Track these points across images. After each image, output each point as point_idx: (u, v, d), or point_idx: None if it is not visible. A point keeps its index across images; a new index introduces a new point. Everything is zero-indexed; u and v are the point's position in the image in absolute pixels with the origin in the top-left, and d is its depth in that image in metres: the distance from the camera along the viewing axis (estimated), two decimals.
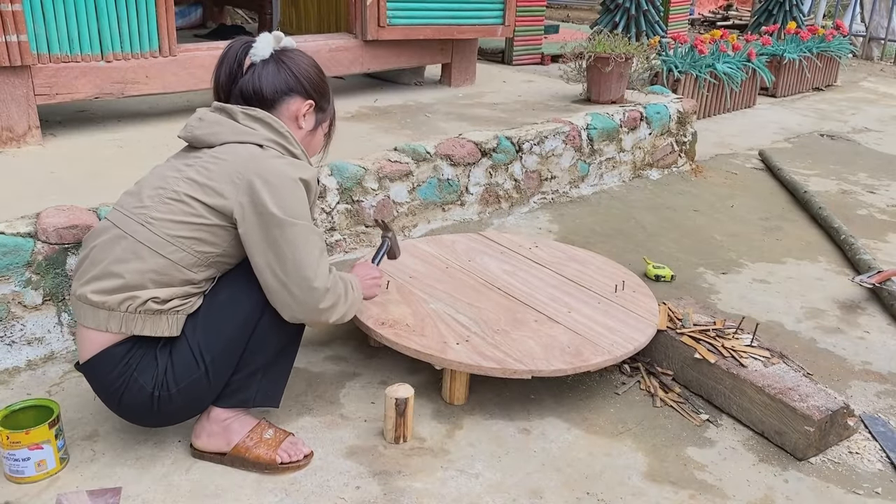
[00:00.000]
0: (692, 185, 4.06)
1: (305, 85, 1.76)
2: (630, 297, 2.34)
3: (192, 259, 1.61)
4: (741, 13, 11.40)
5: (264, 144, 1.67)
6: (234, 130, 1.67)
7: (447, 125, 3.42)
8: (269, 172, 1.61)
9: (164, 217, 1.60)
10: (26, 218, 2.12)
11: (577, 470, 1.84)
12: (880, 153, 4.99)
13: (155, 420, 1.72)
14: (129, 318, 1.59)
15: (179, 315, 1.63)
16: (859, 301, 2.82)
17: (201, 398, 1.69)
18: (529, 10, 5.40)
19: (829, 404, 1.92)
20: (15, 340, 2.10)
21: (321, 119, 1.84)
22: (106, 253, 1.61)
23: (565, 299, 2.29)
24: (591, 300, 2.30)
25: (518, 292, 2.31)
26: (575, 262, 2.57)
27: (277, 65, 1.73)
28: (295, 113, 1.76)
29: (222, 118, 1.69)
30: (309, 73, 1.77)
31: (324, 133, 1.89)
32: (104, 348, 1.61)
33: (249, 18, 6.80)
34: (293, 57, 1.77)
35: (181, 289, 1.62)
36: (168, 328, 1.62)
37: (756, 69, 5.79)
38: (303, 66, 1.77)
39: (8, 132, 2.73)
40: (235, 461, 1.77)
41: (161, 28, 2.98)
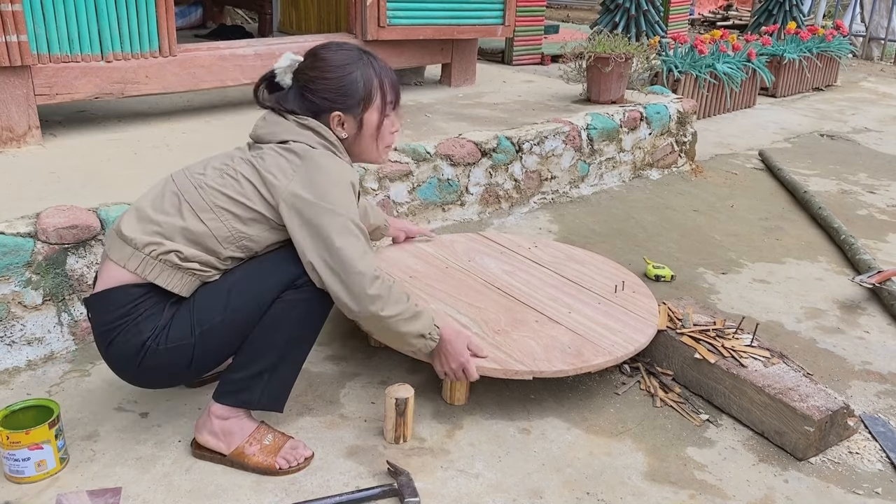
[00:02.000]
0: (692, 185, 4.06)
1: (326, 100, 1.76)
2: (630, 297, 2.34)
3: (225, 232, 1.68)
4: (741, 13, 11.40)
5: (315, 145, 1.74)
6: (289, 131, 1.75)
7: (447, 125, 3.42)
8: (318, 169, 1.68)
9: (216, 187, 1.69)
10: (26, 218, 2.12)
11: (577, 470, 1.84)
12: (880, 153, 4.99)
13: (132, 373, 1.70)
14: (149, 263, 1.63)
15: (195, 278, 1.67)
16: (859, 301, 2.82)
17: (182, 368, 1.68)
18: (529, 10, 5.40)
19: (829, 404, 1.92)
20: (15, 340, 2.10)
21: (362, 117, 1.80)
22: (155, 201, 1.70)
23: (565, 300, 2.29)
24: (592, 300, 2.30)
25: (518, 292, 2.30)
26: (574, 262, 2.57)
27: (299, 91, 1.78)
28: (332, 126, 1.79)
29: (281, 119, 1.78)
30: (327, 87, 1.76)
31: (374, 126, 1.83)
32: (120, 284, 1.64)
33: (249, 18, 6.80)
34: (309, 76, 1.78)
35: (205, 255, 1.67)
36: (181, 286, 1.66)
37: (756, 69, 5.79)
38: (320, 84, 1.76)
39: (8, 132, 2.73)
40: (235, 464, 1.77)
41: (161, 28, 2.98)
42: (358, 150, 1.85)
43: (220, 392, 1.75)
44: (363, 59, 1.81)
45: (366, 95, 1.79)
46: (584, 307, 2.25)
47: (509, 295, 2.29)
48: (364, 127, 1.81)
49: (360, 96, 1.78)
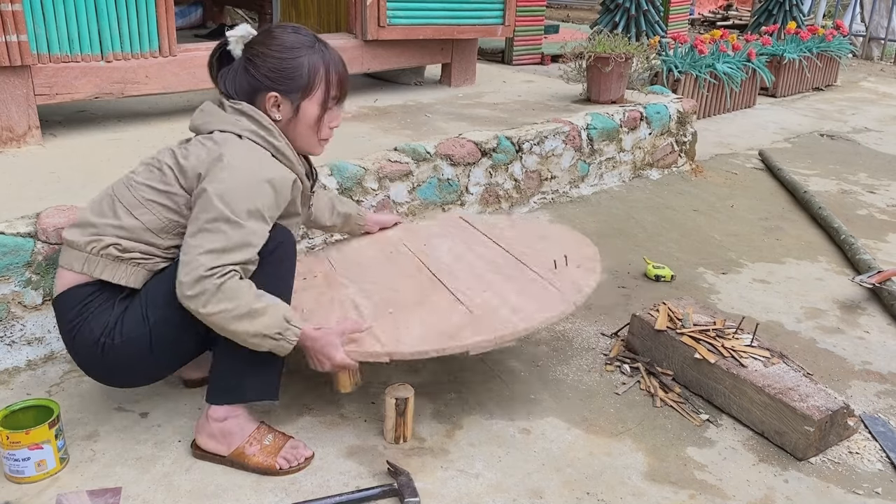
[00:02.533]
0: (692, 185, 4.06)
1: (267, 78, 1.74)
2: (568, 273, 2.13)
3: (159, 223, 1.69)
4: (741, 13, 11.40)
5: (243, 134, 1.72)
6: (220, 120, 1.74)
7: (447, 125, 3.42)
8: (229, 163, 1.65)
9: (143, 182, 1.71)
10: (26, 218, 2.12)
11: (577, 470, 1.84)
12: (880, 153, 4.99)
13: (101, 371, 1.73)
14: (92, 260, 1.67)
15: (140, 268, 1.69)
16: (859, 301, 2.82)
17: (146, 361, 1.69)
18: (529, 10, 5.40)
19: (829, 404, 1.92)
20: (15, 340, 2.10)
21: (299, 104, 1.76)
22: (93, 206, 1.74)
23: (490, 278, 2.12)
24: (521, 278, 2.12)
25: (446, 274, 2.16)
26: (540, 241, 2.38)
27: (243, 64, 1.77)
28: (266, 106, 1.76)
29: (215, 109, 1.77)
30: (271, 65, 1.74)
31: (313, 119, 1.79)
32: (70, 286, 1.69)
33: (249, 18, 6.80)
34: (257, 50, 1.75)
35: (144, 246, 1.69)
36: (126, 277, 1.68)
37: (756, 69, 5.79)
38: (265, 61, 1.74)
39: (8, 132, 2.72)
40: (235, 464, 1.77)
41: (161, 28, 2.98)
42: (292, 136, 1.80)
43: (211, 392, 1.75)
44: (315, 46, 1.77)
45: (308, 83, 1.75)
46: (505, 285, 2.08)
47: (435, 277, 2.15)
48: (300, 115, 1.78)
49: (302, 83, 1.75)
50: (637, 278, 2.91)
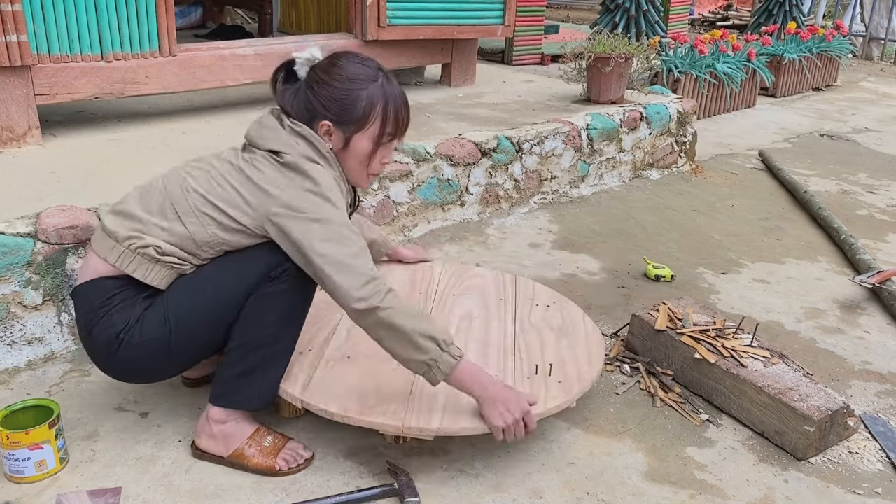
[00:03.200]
0: (692, 185, 4.06)
1: (323, 106, 1.72)
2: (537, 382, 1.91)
3: (205, 237, 1.67)
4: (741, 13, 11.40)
5: (308, 156, 1.70)
6: (279, 139, 1.70)
7: (447, 125, 3.42)
8: (306, 181, 1.65)
9: (201, 192, 1.68)
10: (26, 218, 2.12)
11: (577, 470, 1.84)
12: (880, 153, 4.99)
13: (111, 366, 1.72)
14: (127, 256, 1.66)
15: (172, 271, 1.68)
16: (859, 301, 2.82)
17: (161, 362, 1.70)
18: (529, 10, 5.40)
19: (829, 404, 1.92)
20: (15, 340, 2.10)
21: (350, 137, 1.74)
22: (143, 199, 1.71)
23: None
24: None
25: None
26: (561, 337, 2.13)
27: (305, 87, 1.75)
28: (319, 133, 1.73)
29: (275, 124, 1.73)
30: (329, 94, 1.71)
31: (364, 153, 1.76)
32: (98, 276, 1.67)
33: (249, 18, 6.80)
34: (319, 76, 1.74)
35: (183, 253, 1.68)
36: (158, 279, 1.67)
37: (756, 69, 5.79)
38: (324, 88, 1.72)
39: (8, 132, 2.73)
40: (235, 465, 1.77)
41: (161, 28, 2.98)
42: (341, 167, 1.78)
43: (214, 394, 1.75)
44: (378, 80, 1.74)
45: (362, 117, 1.72)
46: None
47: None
48: (351, 148, 1.75)
49: (357, 116, 1.72)
50: (637, 278, 2.91)
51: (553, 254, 3.08)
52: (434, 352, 1.62)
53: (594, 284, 2.84)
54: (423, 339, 1.61)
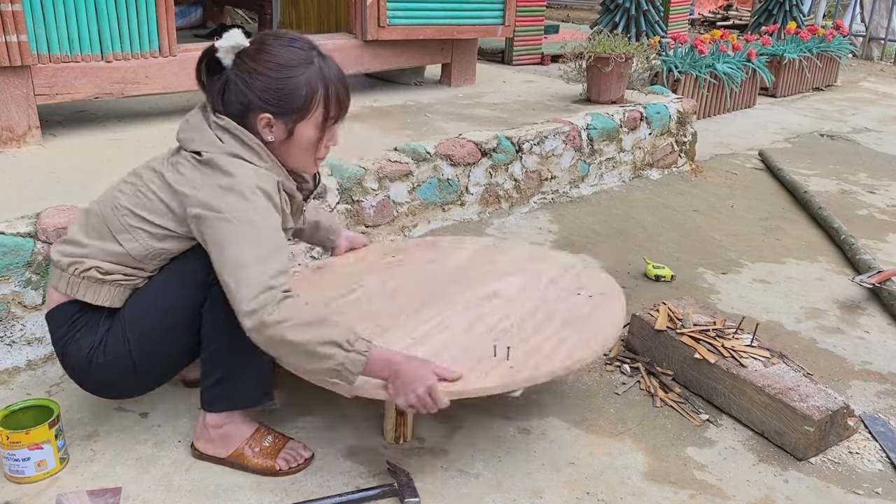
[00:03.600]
0: (692, 185, 4.06)
1: (258, 98, 1.60)
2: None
3: (141, 251, 1.64)
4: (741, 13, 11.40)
5: (233, 152, 1.61)
6: (204, 140, 1.62)
7: (447, 125, 3.42)
8: (221, 179, 1.56)
9: (129, 206, 1.64)
10: (26, 218, 2.12)
11: (577, 470, 1.84)
12: (880, 153, 4.99)
13: (92, 386, 1.74)
14: (74, 282, 1.66)
15: (122, 288, 1.67)
16: (859, 301, 2.82)
17: (131, 378, 1.70)
18: (529, 10, 5.40)
19: (829, 404, 1.92)
20: (15, 340, 2.10)
21: (293, 127, 1.63)
22: (84, 221, 1.71)
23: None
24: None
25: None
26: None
27: (235, 78, 1.63)
28: (258, 127, 1.63)
29: (200, 123, 1.66)
30: (264, 85, 1.60)
31: (311, 142, 1.67)
32: (57, 304, 1.69)
33: (249, 18, 6.80)
34: (249, 66, 1.61)
35: (128, 269, 1.66)
36: (109, 298, 1.67)
37: (756, 69, 5.79)
38: (257, 79, 1.60)
39: (8, 132, 2.72)
40: (235, 465, 1.77)
41: (161, 28, 2.98)
42: (285, 156, 1.68)
43: (203, 401, 1.74)
44: (313, 62, 1.62)
45: (303, 105, 1.61)
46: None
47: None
48: (295, 138, 1.64)
49: (297, 105, 1.61)
50: (637, 278, 2.91)
51: None
52: (339, 356, 1.50)
53: None
54: (324, 346, 1.49)
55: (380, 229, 2.92)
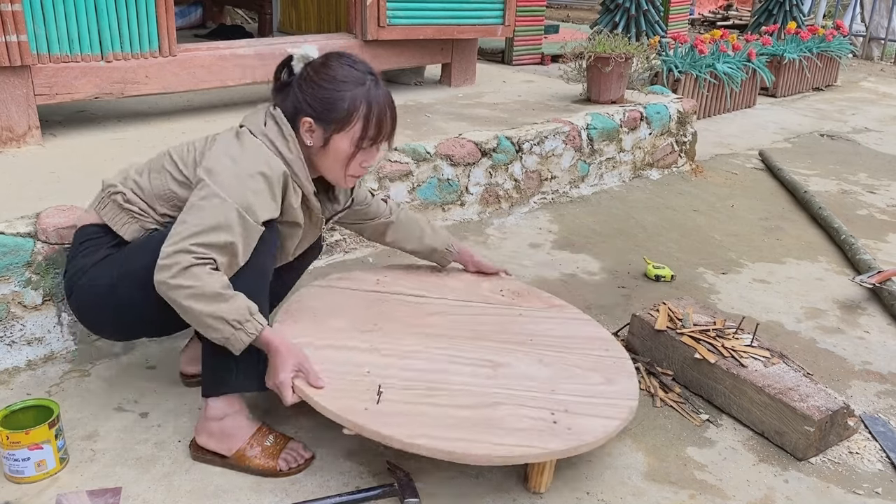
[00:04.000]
0: (692, 185, 4.06)
1: (308, 103, 1.74)
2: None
3: (161, 190, 1.77)
4: (741, 13, 11.40)
5: (257, 134, 1.74)
6: (253, 120, 1.78)
7: (447, 125, 3.42)
8: (228, 150, 1.71)
9: (171, 153, 1.82)
10: (26, 218, 2.12)
11: (577, 470, 1.84)
12: (880, 153, 4.99)
13: (74, 305, 1.80)
14: (103, 202, 1.81)
15: (136, 222, 1.78)
16: (859, 301, 2.82)
17: (104, 315, 1.77)
18: (529, 10, 5.40)
19: (829, 404, 1.92)
20: (15, 340, 2.11)
21: (330, 136, 1.74)
22: (143, 163, 1.88)
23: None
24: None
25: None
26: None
27: (295, 85, 1.78)
28: (301, 129, 1.76)
29: (260, 111, 1.81)
30: (314, 93, 1.74)
31: (344, 155, 1.76)
32: (82, 224, 1.84)
33: (249, 18, 6.80)
34: (309, 74, 1.77)
35: (144, 205, 1.78)
36: (123, 227, 1.77)
37: (756, 69, 5.79)
38: (311, 87, 1.75)
39: (8, 132, 2.73)
40: (236, 467, 1.77)
41: (161, 28, 2.98)
42: (319, 163, 1.80)
43: (204, 386, 1.76)
44: (366, 84, 1.75)
45: (343, 118, 1.73)
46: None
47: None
48: (330, 148, 1.76)
49: (338, 116, 1.73)
50: (637, 278, 2.91)
51: (553, 254, 3.08)
52: (226, 331, 1.59)
53: (594, 284, 2.84)
54: (214, 320, 1.57)
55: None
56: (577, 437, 1.66)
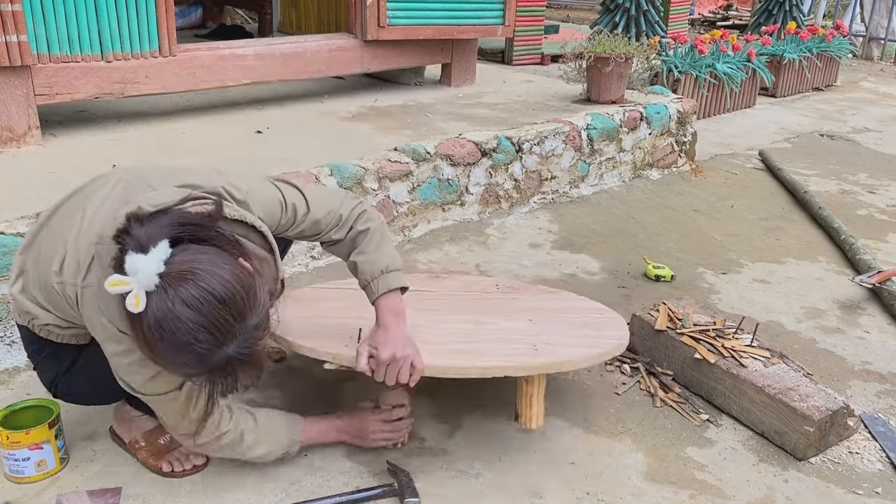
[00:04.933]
0: (692, 185, 4.06)
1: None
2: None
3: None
4: (741, 13, 11.40)
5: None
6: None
7: (447, 125, 3.42)
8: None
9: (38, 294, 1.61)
10: (26, 218, 2.12)
11: (577, 470, 1.84)
12: (880, 153, 4.99)
13: (59, 397, 1.72)
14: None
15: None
16: (859, 301, 2.82)
17: (95, 399, 1.75)
18: (529, 10, 5.40)
19: (829, 404, 1.92)
20: (15, 340, 2.10)
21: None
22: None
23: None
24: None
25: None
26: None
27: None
28: None
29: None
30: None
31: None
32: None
33: (249, 18, 6.79)
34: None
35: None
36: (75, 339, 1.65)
37: (756, 69, 5.78)
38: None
39: (8, 132, 2.72)
40: (132, 454, 1.79)
41: (161, 28, 2.98)
42: None
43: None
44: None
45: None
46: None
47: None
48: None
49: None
50: (637, 278, 2.91)
51: (553, 254, 3.08)
52: (281, 454, 1.74)
53: (594, 284, 2.84)
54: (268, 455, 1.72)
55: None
56: (559, 356, 1.77)
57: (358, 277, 1.69)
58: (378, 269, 1.65)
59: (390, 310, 1.65)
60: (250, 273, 1.32)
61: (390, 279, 1.65)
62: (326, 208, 1.65)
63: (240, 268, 1.30)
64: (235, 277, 1.27)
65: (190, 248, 1.27)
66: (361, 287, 1.69)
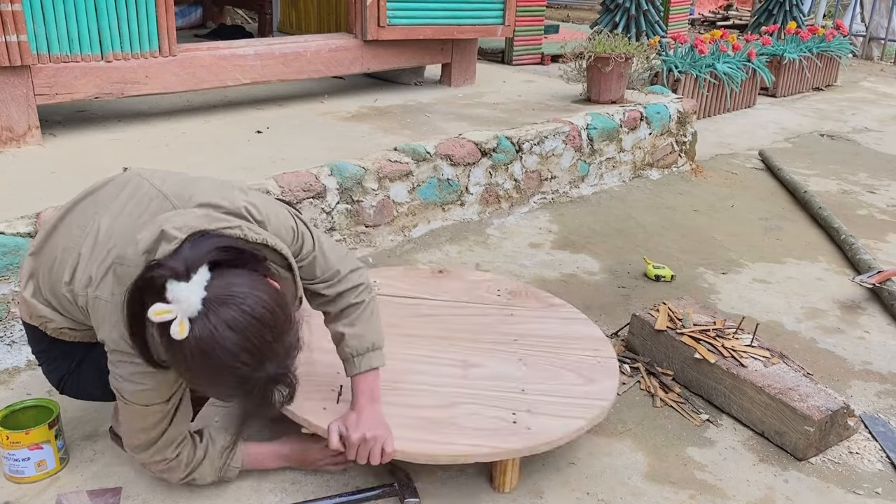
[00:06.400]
0: (692, 185, 4.06)
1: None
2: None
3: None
4: (741, 13, 11.40)
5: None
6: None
7: (447, 125, 3.42)
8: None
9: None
10: (26, 218, 2.12)
11: (577, 470, 1.84)
12: (880, 153, 4.99)
13: (66, 394, 1.73)
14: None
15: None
16: (859, 301, 2.82)
17: (103, 396, 1.69)
18: (529, 10, 5.40)
19: (829, 404, 1.92)
20: (15, 340, 2.10)
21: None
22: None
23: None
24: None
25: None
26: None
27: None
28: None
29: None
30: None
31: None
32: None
33: (249, 18, 6.80)
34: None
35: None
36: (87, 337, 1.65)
37: (756, 69, 5.78)
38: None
39: (8, 132, 2.73)
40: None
41: (161, 28, 2.98)
42: None
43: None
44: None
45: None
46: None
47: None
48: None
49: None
50: (637, 278, 2.91)
51: (553, 254, 3.08)
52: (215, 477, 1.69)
53: (594, 284, 2.84)
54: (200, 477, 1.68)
55: (380, 229, 2.92)
56: (535, 437, 1.69)
57: (340, 347, 1.69)
58: (364, 346, 1.66)
59: (366, 392, 1.67)
60: (281, 293, 1.33)
61: (373, 358, 1.68)
62: (329, 258, 1.64)
63: (273, 289, 1.32)
64: (272, 298, 1.29)
65: (226, 272, 1.28)
66: (341, 358, 1.70)
